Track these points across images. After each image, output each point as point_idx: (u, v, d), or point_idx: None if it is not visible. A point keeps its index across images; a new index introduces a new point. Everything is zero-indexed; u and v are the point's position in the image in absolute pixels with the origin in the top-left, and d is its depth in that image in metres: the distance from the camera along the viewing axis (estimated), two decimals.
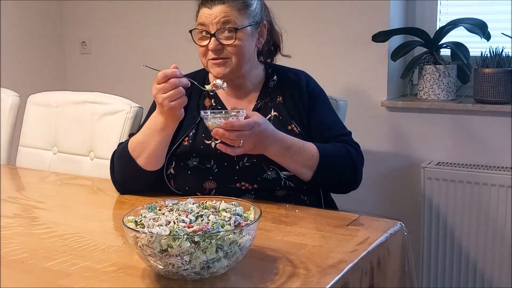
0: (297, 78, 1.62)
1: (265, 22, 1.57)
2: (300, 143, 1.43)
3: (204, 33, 1.49)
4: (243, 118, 1.32)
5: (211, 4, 1.47)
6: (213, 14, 1.46)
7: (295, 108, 1.56)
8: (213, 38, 1.47)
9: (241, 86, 1.58)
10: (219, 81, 1.43)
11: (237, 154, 1.36)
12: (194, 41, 1.51)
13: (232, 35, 1.47)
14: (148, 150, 1.43)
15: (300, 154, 1.42)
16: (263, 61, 1.65)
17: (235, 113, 1.32)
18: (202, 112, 1.34)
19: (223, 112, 1.35)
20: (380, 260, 1.16)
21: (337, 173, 1.48)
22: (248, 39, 1.51)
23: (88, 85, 3.07)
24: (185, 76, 1.57)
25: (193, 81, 1.40)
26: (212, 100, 1.57)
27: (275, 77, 1.61)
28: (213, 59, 1.49)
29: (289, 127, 1.52)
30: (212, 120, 1.31)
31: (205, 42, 1.48)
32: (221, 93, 1.59)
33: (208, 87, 1.45)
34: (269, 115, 1.54)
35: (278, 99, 1.57)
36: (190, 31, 1.52)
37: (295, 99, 1.57)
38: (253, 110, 1.55)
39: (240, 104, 1.57)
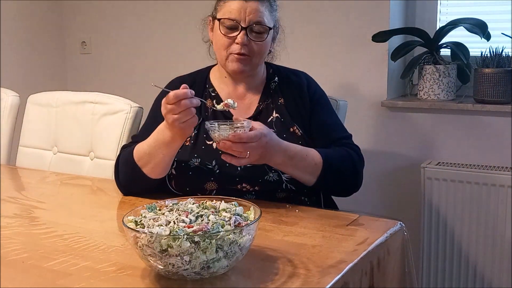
0: (298, 80, 1.61)
1: (278, 28, 1.60)
2: (304, 152, 1.43)
3: (231, 26, 1.49)
4: (249, 129, 1.31)
5: None
6: (248, 8, 1.47)
7: (297, 110, 1.56)
8: (243, 32, 1.48)
9: (244, 85, 1.58)
10: (230, 101, 1.39)
11: (242, 165, 1.35)
12: (219, 31, 1.50)
13: (263, 34, 1.50)
14: (155, 162, 1.42)
15: (304, 163, 1.42)
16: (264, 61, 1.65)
17: (240, 124, 1.30)
18: (207, 124, 1.31)
19: (228, 123, 1.32)
20: (380, 260, 1.16)
21: (339, 178, 1.48)
22: (269, 40, 1.55)
23: (88, 85, 3.07)
24: (186, 76, 1.57)
25: (203, 100, 1.39)
26: (214, 101, 1.57)
27: (276, 78, 1.62)
28: (238, 54, 1.49)
29: (291, 129, 1.52)
30: (219, 132, 1.28)
31: (232, 34, 1.49)
32: (222, 94, 1.59)
33: (219, 107, 1.41)
34: (271, 117, 1.54)
35: (279, 101, 1.57)
36: (218, 19, 1.50)
37: (297, 101, 1.57)
38: (255, 111, 1.56)
39: (241, 105, 1.57)
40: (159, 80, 1.67)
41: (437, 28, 2.37)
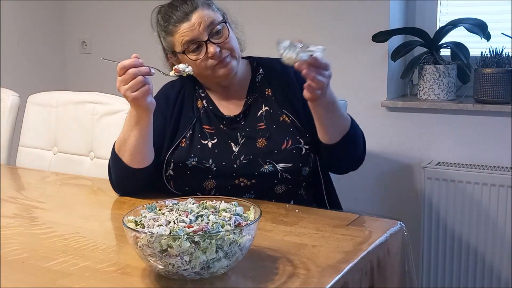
0: (283, 68, 1.59)
1: (225, 12, 1.57)
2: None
3: (194, 48, 1.47)
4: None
5: (186, 16, 1.46)
6: (195, 22, 1.45)
7: (286, 98, 1.55)
8: (209, 44, 1.46)
9: (230, 85, 1.57)
10: (181, 65, 1.39)
11: (318, 96, 1.31)
12: (190, 60, 1.47)
13: (223, 30, 1.48)
14: (130, 147, 1.43)
15: (339, 112, 1.41)
16: (244, 56, 1.64)
17: (320, 50, 1.26)
18: (285, 42, 1.25)
19: (303, 45, 1.27)
20: (380, 260, 1.16)
21: (356, 145, 1.48)
22: (231, 30, 1.52)
23: (88, 85, 3.06)
24: (178, 80, 1.56)
25: (154, 67, 1.37)
26: (204, 101, 1.57)
27: (261, 70, 1.61)
28: (220, 62, 1.47)
29: (281, 118, 1.52)
30: (300, 54, 1.23)
31: (202, 54, 1.47)
32: (212, 95, 1.59)
33: (171, 73, 1.41)
34: (260, 111, 1.54)
35: (267, 93, 1.57)
36: (183, 52, 1.48)
37: (285, 89, 1.56)
38: (243, 107, 1.55)
39: (230, 103, 1.57)
40: (159, 80, 1.66)
41: (437, 28, 2.37)
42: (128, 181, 1.49)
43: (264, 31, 2.57)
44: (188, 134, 1.52)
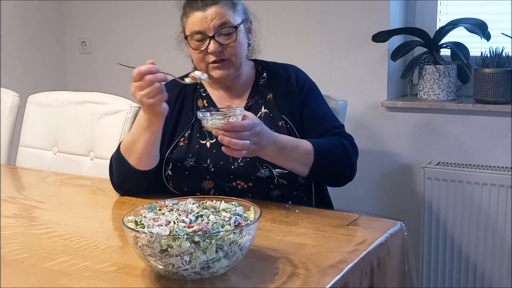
0: (286, 73, 1.60)
1: (250, 18, 1.57)
2: (295, 143, 1.42)
3: (199, 38, 1.47)
4: (241, 117, 1.30)
5: (204, 6, 1.46)
6: (208, 16, 1.45)
7: (286, 103, 1.55)
8: (212, 40, 1.46)
9: (233, 86, 1.58)
10: (197, 72, 1.40)
11: (241, 156, 1.33)
12: (190, 47, 1.49)
13: (232, 35, 1.48)
14: (138, 150, 1.43)
15: (295, 153, 1.41)
16: (252, 58, 1.65)
17: (232, 113, 1.28)
18: (199, 114, 1.29)
19: (220, 111, 1.31)
20: (380, 260, 1.16)
21: (333, 167, 1.48)
22: (243, 36, 1.52)
23: (88, 85, 3.07)
24: (179, 78, 1.56)
25: (171, 74, 1.37)
26: (205, 101, 1.58)
27: (265, 74, 1.61)
28: (214, 62, 1.48)
29: (280, 123, 1.52)
30: (212, 121, 1.27)
31: (203, 47, 1.47)
32: (213, 94, 1.59)
33: (187, 80, 1.42)
34: (260, 112, 1.54)
35: (268, 96, 1.57)
36: (186, 37, 1.50)
37: (286, 94, 1.57)
38: (244, 108, 1.55)
39: (232, 104, 1.57)
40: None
41: (437, 28, 2.37)
42: (130, 182, 1.50)
43: (263, 32, 2.57)
44: (187, 134, 1.52)
